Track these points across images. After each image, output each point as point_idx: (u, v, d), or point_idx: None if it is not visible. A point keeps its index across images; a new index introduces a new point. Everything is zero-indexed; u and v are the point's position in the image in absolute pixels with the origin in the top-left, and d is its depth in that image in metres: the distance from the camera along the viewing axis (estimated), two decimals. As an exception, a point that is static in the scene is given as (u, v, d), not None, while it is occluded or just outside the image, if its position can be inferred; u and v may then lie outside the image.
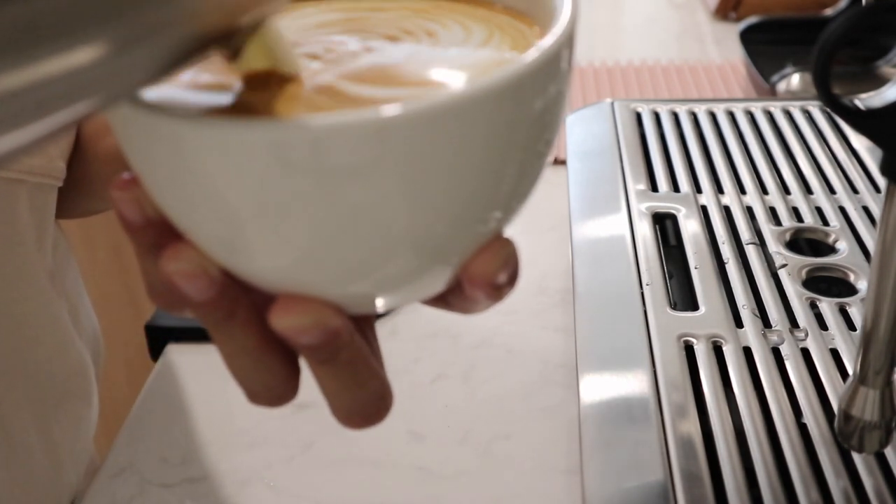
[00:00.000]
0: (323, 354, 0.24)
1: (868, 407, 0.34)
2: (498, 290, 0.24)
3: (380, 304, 0.25)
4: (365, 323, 0.28)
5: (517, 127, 0.22)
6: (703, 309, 0.47)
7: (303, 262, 0.22)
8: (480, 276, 0.23)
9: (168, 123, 0.20)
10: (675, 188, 0.58)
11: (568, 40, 0.23)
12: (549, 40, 0.22)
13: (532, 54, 0.21)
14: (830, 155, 0.62)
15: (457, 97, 0.20)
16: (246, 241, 0.22)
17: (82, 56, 0.15)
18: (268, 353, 0.25)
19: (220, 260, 0.23)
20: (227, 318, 0.24)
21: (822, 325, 0.46)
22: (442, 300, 0.26)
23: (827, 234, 0.53)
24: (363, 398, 0.26)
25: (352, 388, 0.25)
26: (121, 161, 0.22)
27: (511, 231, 0.24)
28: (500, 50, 0.25)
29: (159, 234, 0.24)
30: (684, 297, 0.49)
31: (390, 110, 0.19)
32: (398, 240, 0.22)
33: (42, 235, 0.44)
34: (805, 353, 0.44)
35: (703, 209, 0.56)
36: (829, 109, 0.29)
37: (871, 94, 0.30)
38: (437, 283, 0.25)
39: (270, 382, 0.26)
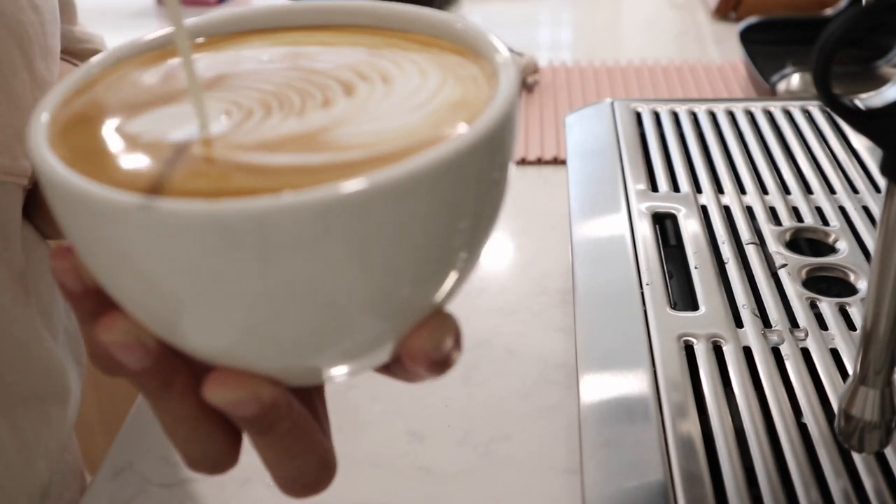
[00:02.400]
0: (260, 426, 0.24)
1: (868, 407, 0.34)
2: (437, 365, 0.24)
3: (319, 377, 0.24)
4: (314, 391, 0.28)
5: (459, 203, 0.21)
6: (703, 309, 0.47)
7: (239, 340, 0.22)
8: (419, 352, 0.23)
9: (98, 205, 0.19)
10: (675, 188, 0.58)
11: (510, 110, 0.22)
12: (491, 112, 0.22)
13: (476, 129, 0.21)
14: (830, 155, 0.62)
15: (403, 176, 0.19)
16: (179, 321, 0.21)
17: None
18: (205, 422, 0.25)
19: (155, 332, 0.23)
20: (163, 388, 0.24)
21: (822, 325, 0.46)
22: (385, 368, 0.26)
23: (827, 234, 0.53)
24: (303, 468, 0.26)
25: (291, 457, 0.25)
26: None
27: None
28: (450, 111, 0.23)
29: (97, 302, 0.23)
30: (684, 297, 0.49)
31: (337, 190, 0.19)
32: (336, 317, 0.22)
33: (7, 234, 0.43)
34: (805, 353, 0.44)
35: (703, 209, 0.56)
36: (829, 109, 0.29)
37: (871, 94, 0.30)
38: (377, 357, 0.24)
39: (208, 451, 0.25)
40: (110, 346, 0.23)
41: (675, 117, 0.67)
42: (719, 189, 0.58)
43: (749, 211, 0.56)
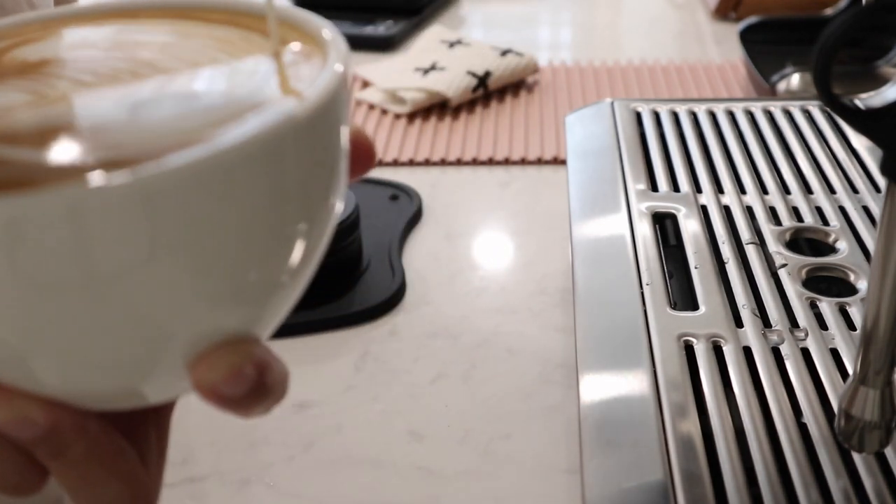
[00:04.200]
0: (43, 449, 0.22)
1: (868, 407, 0.34)
2: (236, 402, 0.21)
3: (113, 403, 0.22)
4: (147, 416, 0.25)
5: (249, 201, 0.19)
6: (703, 309, 0.47)
7: (2, 352, 0.20)
8: (203, 386, 0.21)
9: None
10: (675, 188, 0.58)
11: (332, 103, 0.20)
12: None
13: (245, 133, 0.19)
14: (830, 155, 0.62)
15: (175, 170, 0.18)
16: None
17: None
18: None
19: None
20: None
21: (822, 325, 0.46)
22: None
23: (827, 234, 0.53)
24: (104, 499, 0.23)
25: (89, 487, 0.23)
26: None
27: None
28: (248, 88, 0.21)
29: None
30: (684, 297, 0.49)
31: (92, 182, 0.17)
32: (104, 334, 0.19)
33: None
34: (805, 353, 0.44)
35: (703, 209, 0.56)
36: (829, 109, 0.29)
37: (871, 94, 0.30)
38: (170, 386, 0.22)
39: (5, 471, 0.23)
40: None
41: (675, 117, 0.67)
42: (719, 189, 0.58)
43: (749, 211, 0.56)
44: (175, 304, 0.20)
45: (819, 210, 0.55)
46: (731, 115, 0.67)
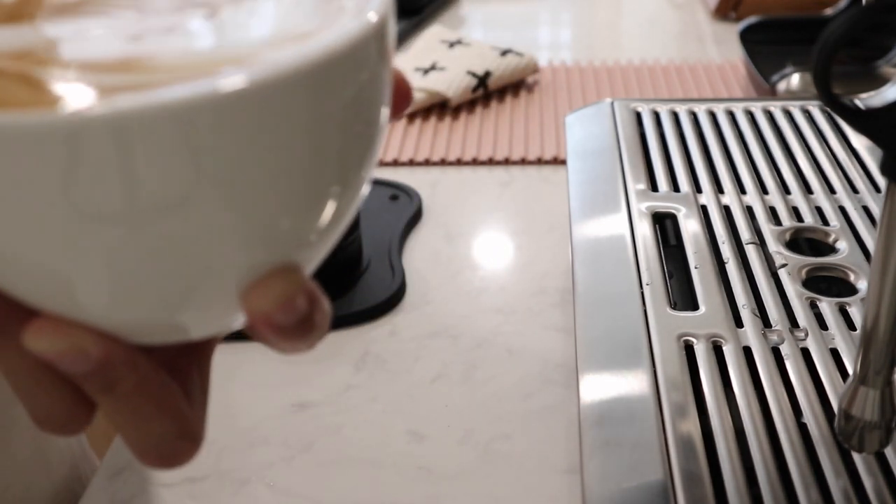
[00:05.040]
0: (94, 383, 0.22)
1: (868, 407, 0.34)
2: (287, 331, 0.21)
3: (163, 335, 0.22)
4: (190, 354, 0.25)
5: (312, 121, 0.19)
6: (703, 309, 0.47)
7: (58, 281, 0.20)
8: (256, 313, 0.21)
9: None
10: (675, 188, 0.58)
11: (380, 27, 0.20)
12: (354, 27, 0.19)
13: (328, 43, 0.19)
14: (830, 155, 0.62)
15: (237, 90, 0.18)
16: None
17: None
18: (47, 377, 0.22)
19: None
20: None
21: (822, 325, 0.46)
22: (255, 333, 0.23)
23: (827, 234, 0.53)
24: (155, 435, 0.23)
25: (140, 422, 0.23)
26: None
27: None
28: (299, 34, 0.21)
29: None
30: (684, 297, 0.49)
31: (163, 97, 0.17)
32: (160, 260, 0.19)
33: None
34: (805, 353, 0.44)
35: (703, 209, 0.56)
36: (829, 109, 0.29)
37: (871, 94, 0.30)
38: (222, 316, 0.22)
39: (54, 409, 0.23)
40: None
41: (675, 117, 0.67)
42: (719, 189, 0.58)
43: (749, 211, 0.56)
44: (235, 227, 0.20)
45: (819, 210, 0.55)
46: (731, 115, 0.67)
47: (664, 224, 0.56)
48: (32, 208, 0.18)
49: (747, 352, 0.44)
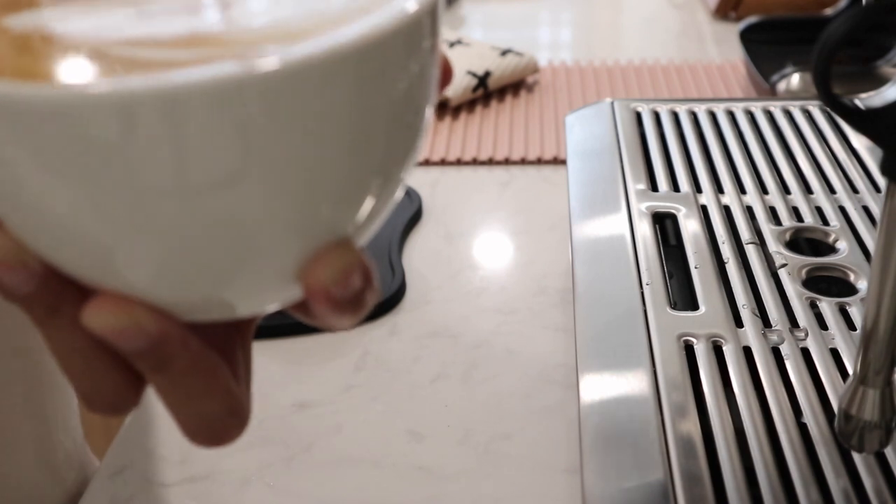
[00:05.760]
0: (149, 361, 0.22)
1: (868, 407, 0.34)
2: (342, 305, 0.22)
3: (215, 312, 0.23)
4: (233, 333, 0.26)
5: (367, 96, 0.19)
6: (703, 309, 0.47)
7: (120, 258, 0.20)
8: (318, 286, 0.21)
9: None
10: (675, 188, 0.58)
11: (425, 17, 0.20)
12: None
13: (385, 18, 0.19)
14: (830, 155, 0.62)
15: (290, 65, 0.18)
16: (55, 234, 0.20)
17: None
18: (99, 356, 0.22)
19: (36, 250, 0.21)
20: (50, 315, 0.22)
21: (822, 325, 0.46)
22: (301, 310, 0.23)
23: (827, 234, 0.53)
24: (206, 413, 0.24)
25: (191, 400, 0.23)
26: None
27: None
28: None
29: None
30: (684, 297, 0.49)
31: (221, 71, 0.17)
32: (219, 234, 0.19)
33: None
34: (805, 353, 0.44)
35: (703, 209, 0.56)
36: (829, 109, 0.29)
37: (871, 94, 0.30)
38: (277, 292, 0.22)
39: (104, 388, 0.23)
40: None
41: (675, 117, 0.67)
42: (719, 189, 0.58)
43: (749, 211, 0.56)
44: (299, 203, 0.20)
45: (819, 210, 0.55)
46: (731, 115, 0.67)
47: (664, 224, 0.56)
48: (94, 183, 0.18)
49: (747, 352, 0.44)
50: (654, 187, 0.58)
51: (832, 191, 0.58)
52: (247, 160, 0.18)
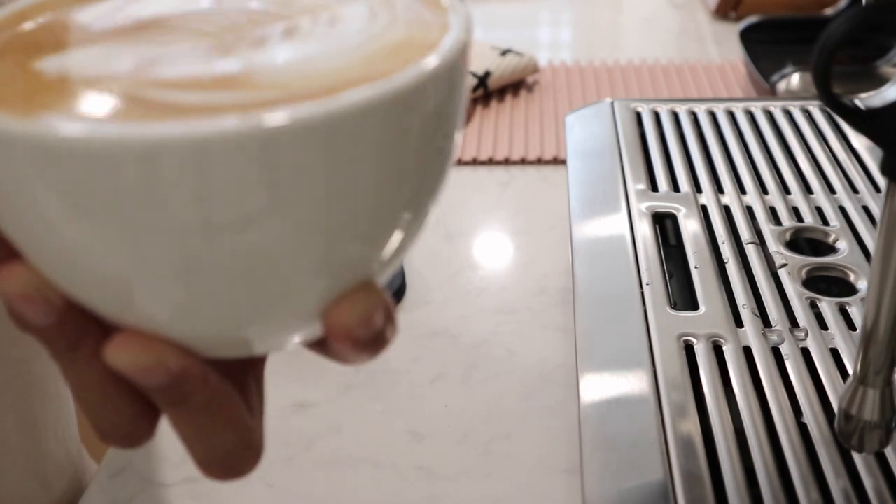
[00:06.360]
0: (170, 398, 0.22)
1: (868, 407, 0.34)
2: (364, 345, 0.22)
3: (235, 349, 0.23)
4: (247, 366, 0.26)
5: (389, 149, 0.20)
6: (703, 309, 0.47)
7: (144, 296, 0.20)
8: (341, 327, 0.21)
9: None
10: (675, 188, 0.58)
11: (456, 56, 0.21)
12: (437, 55, 0.20)
13: (412, 72, 0.19)
14: (830, 155, 0.62)
15: (324, 112, 0.18)
16: (80, 271, 0.20)
17: None
18: (116, 390, 0.23)
19: (58, 285, 0.21)
20: (70, 349, 0.22)
21: (822, 325, 0.46)
22: (320, 347, 0.24)
23: (827, 234, 0.53)
24: (222, 447, 0.24)
25: (208, 434, 0.23)
26: None
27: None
28: (391, 53, 0.21)
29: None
30: (684, 297, 0.49)
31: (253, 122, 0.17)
32: (246, 275, 0.20)
33: None
34: (805, 353, 0.44)
35: (703, 209, 0.56)
36: (829, 109, 0.29)
37: (871, 94, 0.30)
38: (298, 330, 0.22)
39: (120, 421, 0.23)
40: (9, 298, 0.21)
41: (675, 117, 0.67)
42: (719, 189, 0.58)
43: (749, 211, 0.56)
44: (327, 247, 0.20)
45: (819, 210, 0.55)
46: (731, 115, 0.67)
47: (664, 224, 0.56)
48: (119, 224, 0.19)
49: (747, 352, 0.44)
50: (654, 187, 0.58)
51: (832, 191, 0.58)
52: (274, 206, 0.19)
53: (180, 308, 0.21)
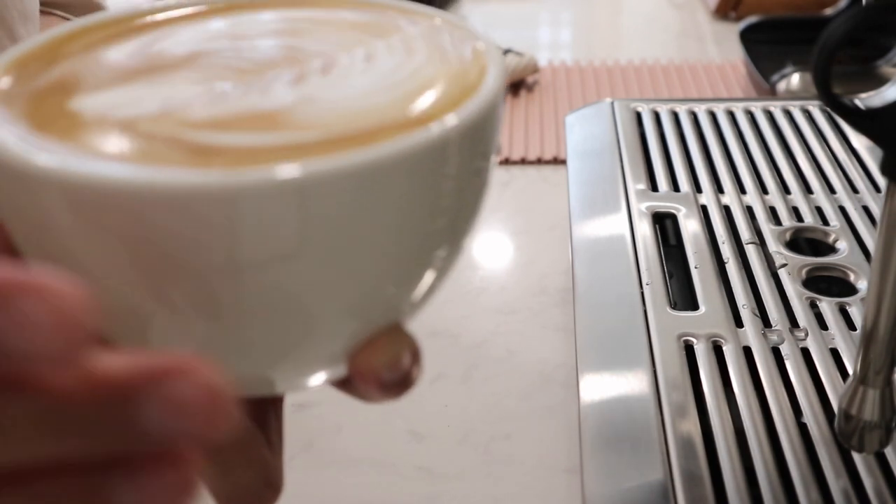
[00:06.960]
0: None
1: (868, 407, 0.34)
2: (391, 387, 0.22)
3: (259, 389, 0.23)
4: (267, 404, 0.26)
5: (419, 198, 0.19)
6: (703, 309, 0.47)
7: (171, 336, 0.20)
8: (368, 371, 0.21)
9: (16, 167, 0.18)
10: (675, 188, 0.58)
11: (493, 106, 0.20)
12: (471, 105, 0.20)
13: (452, 120, 0.19)
14: (830, 155, 0.62)
15: (356, 165, 0.18)
16: (101, 303, 0.20)
17: None
18: None
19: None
20: None
21: (822, 325, 0.46)
22: (343, 385, 0.24)
23: (827, 234, 0.53)
24: (242, 484, 0.24)
25: (229, 473, 0.23)
26: None
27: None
28: (429, 97, 0.21)
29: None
30: (684, 297, 0.49)
31: (286, 172, 0.17)
32: (273, 318, 0.20)
33: None
34: (805, 353, 0.44)
35: (703, 209, 0.56)
36: (829, 109, 0.29)
37: (871, 94, 0.30)
38: (324, 371, 0.22)
39: None
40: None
41: (675, 117, 0.67)
42: (719, 189, 0.58)
43: (749, 211, 0.56)
44: (358, 293, 0.20)
45: (819, 210, 0.55)
46: (731, 115, 0.67)
47: (664, 224, 0.56)
48: (152, 266, 0.18)
49: (747, 352, 0.44)
50: (654, 187, 0.58)
51: (832, 191, 0.58)
52: (308, 252, 0.19)
53: (209, 347, 0.21)
